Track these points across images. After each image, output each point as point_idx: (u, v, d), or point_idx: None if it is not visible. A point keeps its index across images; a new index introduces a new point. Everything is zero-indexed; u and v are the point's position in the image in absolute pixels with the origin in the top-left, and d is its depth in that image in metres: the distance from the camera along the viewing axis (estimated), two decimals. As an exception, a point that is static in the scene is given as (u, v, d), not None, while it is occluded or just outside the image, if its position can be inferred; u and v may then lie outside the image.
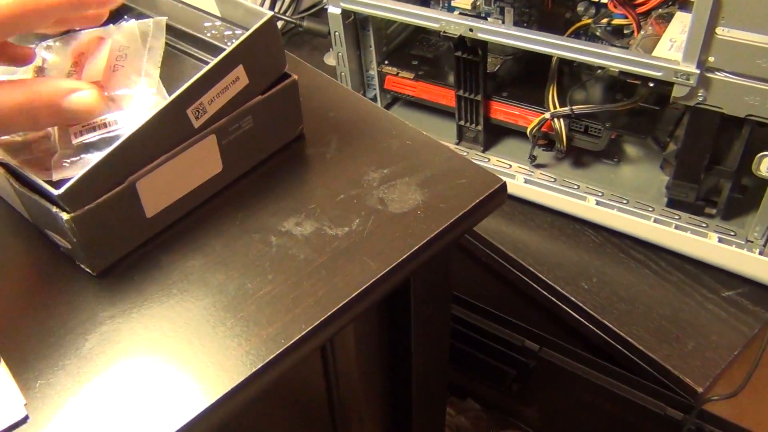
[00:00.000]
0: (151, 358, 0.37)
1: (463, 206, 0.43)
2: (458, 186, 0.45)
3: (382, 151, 0.47)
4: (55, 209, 0.38)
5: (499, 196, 0.45)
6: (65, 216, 0.38)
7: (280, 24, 1.02)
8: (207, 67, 0.41)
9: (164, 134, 0.41)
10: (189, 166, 0.43)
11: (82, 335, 0.38)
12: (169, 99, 0.40)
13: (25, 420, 0.35)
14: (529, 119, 0.76)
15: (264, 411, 0.49)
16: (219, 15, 0.48)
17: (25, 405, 0.35)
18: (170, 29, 0.47)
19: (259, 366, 0.36)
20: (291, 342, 0.37)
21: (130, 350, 0.38)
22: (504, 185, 0.45)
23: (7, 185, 0.41)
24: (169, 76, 0.45)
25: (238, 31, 0.47)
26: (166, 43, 0.46)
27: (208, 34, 0.48)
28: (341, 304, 0.39)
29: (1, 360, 0.37)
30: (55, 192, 0.37)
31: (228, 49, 0.42)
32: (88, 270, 0.41)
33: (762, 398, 0.73)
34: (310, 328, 0.38)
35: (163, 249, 0.42)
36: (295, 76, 0.46)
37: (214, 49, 0.47)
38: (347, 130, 0.49)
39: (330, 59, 0.99)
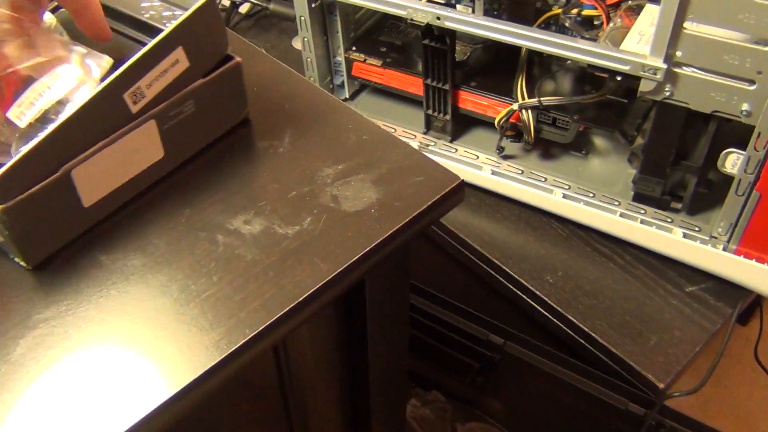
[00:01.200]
0: (86, 365, 0.36)
1: (419, 205, 0.42)
2: (415, 184, 0.43)
3: (338, 146, 0.46)
4: None
5: (456, 194, 0.43)
6: None
7: (246, 6, 1.00)
8: (144, 49, 0.39)
9: (100, 120, 0.39)
10: (128, 152, 0.41)
11: (13, 339, 0.36)
12: (105, 83, 0.38)
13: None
14: (498, 110, 0.75)
15: (215, 405, 0.47)
16: None
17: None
18: (107, 9, 0.45)
19: (200, 372, 0.35)
20: (234, 348, 0.36)
21: (64, 356, 0.36)
22: (461, 183, 0.44)
23: None
24: None
25: (178, 12, 0.45)
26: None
27: (146, 15, 0.46)
28: (289, 308, 0.37)
29: None
30: None
31: (166, 30, 0.40)
32: (22, 264, 0.39)
33: (723, 394, 0.73)
34: (255, 332, 0.36)
35: (103, 247, 0.41)
36: (239, 59, 0.44)
37: (152, 31, 0.45)
38: (302, 122, 0.47)
39: (298, 43, 0.97)
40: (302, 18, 0.77)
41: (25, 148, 0.36)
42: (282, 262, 0.40)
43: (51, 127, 0.37)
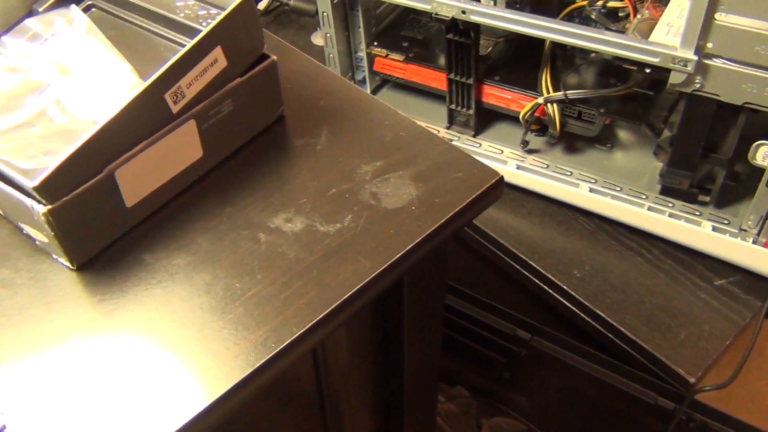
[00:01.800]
0: (135, 364, 0.36)
1: (460, 202, 0.42)
2: (454, 180, 0.43)
3: (375, 143, 0.45)
4: (30, 202, 0.37)
5: (496, 191, 0.43)
6: (41, 209, 0.36)
7: (265, 2, 0.99)
8: (184, 50, 0.39)
9: (142, 121, 0.39)
10: (168, 152, 0.41)
11: (62, 338, 0.36)
12: (146, 83, 0.38)
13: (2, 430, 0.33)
14: (522, 104, 0.74)
15: (254, 407, 0.47)
16: None
17: (2, 414, 0.34)
18: (140, 10, 0.45)
19: (248, 372, 0.35)
20: (282, 346, 0.36)
21: (112, 355, 0.36)
22: (501, 179, 0.43)
23: None
24: (142, 59, 0.43)
25: (213, 11, 0.45)
26: (137, 24, 0.44)
27: (181, 14, 0.45)
28: (334, 306, 0.37)
29: None
30: (30, 184, 0.35)
31: (205, 30, 0.40)
32: (67, 264, 0.39)
33: (753, 388, 0.73)
34: (302, 331, 0.36)
35: (147, 246, 0.41)
36: (275, 57, 0.44)
37: (189, 30, 0.45)
38: (338, 120, 0.47)
39: (317, 39, 0.97)
40: (325, 14, 0.77)
41: (70, 150, 0.36)
42: (325, 260, 0.39)
43: (95, 129, 0.37)
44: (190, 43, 0.39)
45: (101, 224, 0.40)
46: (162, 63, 0.39)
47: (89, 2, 0.47)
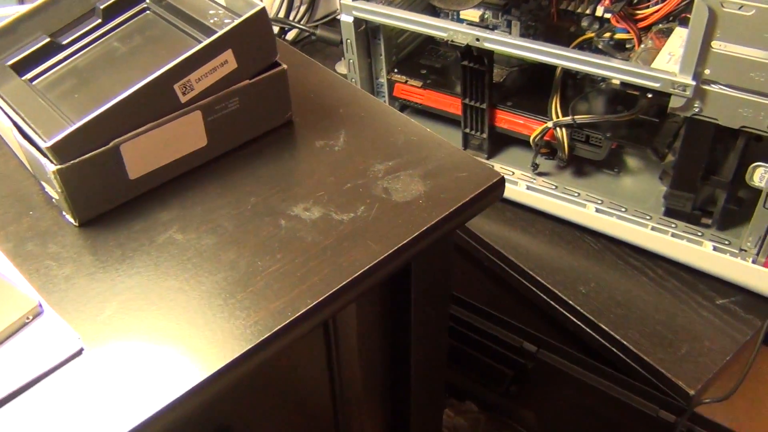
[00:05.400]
0: (167, 325, 0.40)
1: (463, 197, 0.46)
2: (459, 179, 0.47)
3: (388, 145, 0.50)
4: (44, 160, 0.42)
5: (497, 189, 0.47)
6: (52, 167, 0.42)
7: (294, 33, 1.06)
8: (196, 48, 0.45)
9: (150, 104, 0.44)
10: (173, 136, 0.46)
11: (102, 303, 0.41)
12: (158, 73, 0.44)
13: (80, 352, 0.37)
14: (533, 128, 0.78)
15: (266, 404, 0.51)
16: (224, 4, 0.51)
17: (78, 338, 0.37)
18: (182, 14, 0.50)
19: (267, 335, 0.39)
20: (297, 314, 0.39)
21: (148, 320, 0.40)
22: (502, 179, 0.47)
23: (15, 142, 0.45)
24: (167, 54, 0.48)
25: (237, 20, 0.50)
26: (177, 26, 0.49)
27: (211, 21, 0.51)
28: (345, 282, 0.41)
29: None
30: (44, 143, 0.41)
31: (218, 33, 0.45)
32: (71, 220, 0.44)
33: (753, 403, 0.74)
34: (316, 302, 0.40)
35: (180, 228, 0.45)
36: (284, 66, 0.49)
37: (211, 33, 0.50)
38: (356, 125, 0.51)
39: (341, 68, 1.03)
40: (349, 41, 0.83)
41: (83, 120, 0.41)
42: (338, 244, 0.43)
43: (107, 105, 0.42)
44: (202, 43, 0.45)
45: (105, 190, 0.45)
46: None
47: (145, 5, 0.53)
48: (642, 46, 0.71)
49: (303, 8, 1.06)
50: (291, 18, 1.05)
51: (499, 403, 0.88)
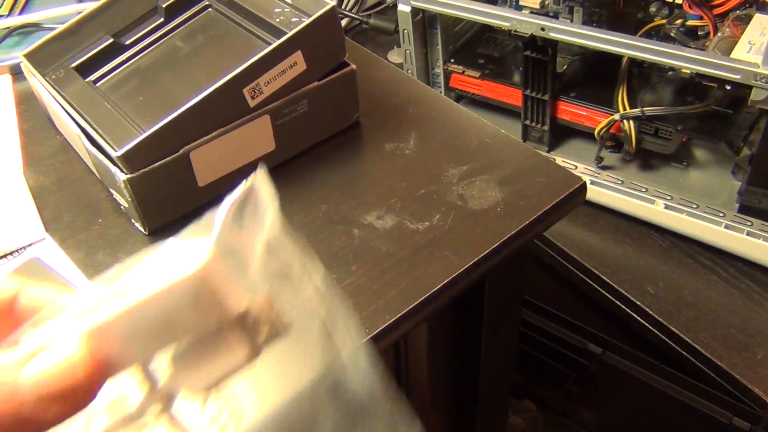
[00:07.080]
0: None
1: (544, 205, 0.44)
2: (538, 184, 0.45)
3: (461, 148, 0.48)
4: (114, 169, 0.41)
5: (578, 196, 0.45)
6: (122, 176, 0.41)
7: (345, 21, 1.03)
8: (265, 50, 0.43)
9: (220, 110, 0.43)
10: (242, 142, 0.45)
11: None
12: (227, 77, 0.42)
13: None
14: (597, 120, 0.75)
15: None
16: (290, 2, 0.49)
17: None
18: (245, 12, 0.49)
19: (344, 354, 0.37)
20: (375, 332, 0.38)
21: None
22: (584, 185, 0.45)
23: (83, 147, 0.44)
24: (237, 55, 0.46)
25: (304, 18, 0.48)
26: (240, 25, 0.48)
27: (277, 19, 0.49)
28: (423, 297, 0.39)
29: None
30: (115, 153, 0.40)
31: (288, 34, 0.43)
32: (141, 229, 0.43)
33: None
34: (394, 319, 0.38)
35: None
36: (353, 66, 0.47)
37: (278, 33, 0.49)
38: (426, 126, 0.49)
39: (394, 57, 1.00)
40: (405, 31, 0.80)
41: (153, 128, 0.40)
42: (414, 255, 0.42)
43: (176, 112, 0.41)
44: (271, 45, 0.43)
45: (175, 198, 0.44)
46: (248, 60, 0.43)
47: (206, 2, 0.52)
48: (719, 34, 0.67)
49: (353, -5, 1.04)
50: (342, 6, 1.03)
51: (558, 402, 0.86)
